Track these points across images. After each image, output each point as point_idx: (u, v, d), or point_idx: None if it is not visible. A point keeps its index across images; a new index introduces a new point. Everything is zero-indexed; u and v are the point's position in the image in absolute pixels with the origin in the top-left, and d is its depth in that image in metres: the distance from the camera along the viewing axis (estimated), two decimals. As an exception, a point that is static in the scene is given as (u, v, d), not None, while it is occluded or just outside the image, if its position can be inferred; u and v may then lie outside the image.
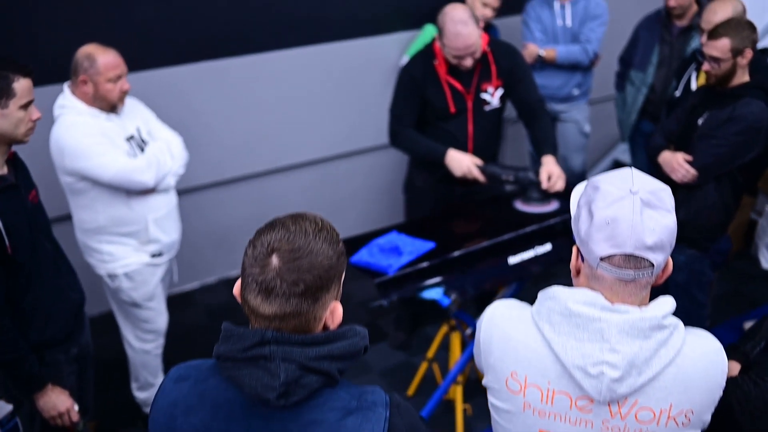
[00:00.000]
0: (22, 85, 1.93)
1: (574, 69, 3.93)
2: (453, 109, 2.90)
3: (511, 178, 2.80)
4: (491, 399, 1.32)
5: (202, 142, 3.60)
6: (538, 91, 2.99)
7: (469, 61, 2.76)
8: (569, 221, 2.71)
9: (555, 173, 2.78)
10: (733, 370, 1.69)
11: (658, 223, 1.17)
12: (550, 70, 3.94)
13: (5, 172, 1.97)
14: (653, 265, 1.18)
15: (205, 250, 3.95)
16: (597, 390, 1.18)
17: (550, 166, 2.80)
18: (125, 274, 2.73)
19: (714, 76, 2.55)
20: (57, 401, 2.09)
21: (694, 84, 3.09)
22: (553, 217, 2.72)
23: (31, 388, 2.06)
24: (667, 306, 1.21)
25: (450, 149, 2.86)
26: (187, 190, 3.65)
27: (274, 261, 1.07)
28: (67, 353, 2.18)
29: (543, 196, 2.81)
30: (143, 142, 2.72)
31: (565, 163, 4.32)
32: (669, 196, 1.21)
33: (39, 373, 2.04)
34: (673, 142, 2.78)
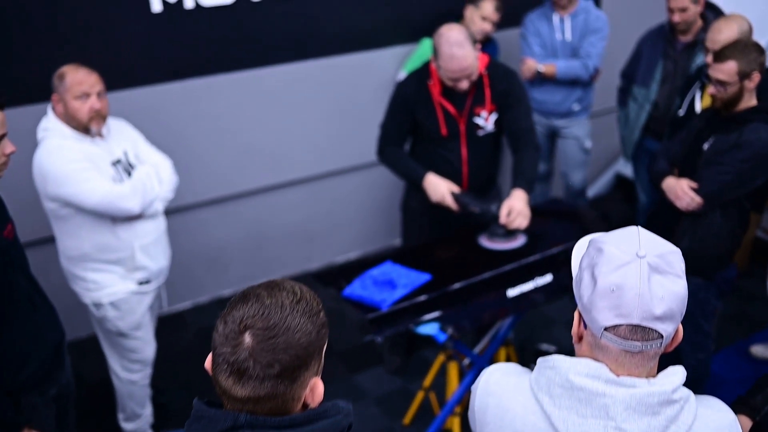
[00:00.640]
0: None
1: (575, 84, 3.84)
2: (445, 132, 2.81)
3: (477, 210, 2.69)
4: None
5: (193, 160, 3.51)
6: (529, 120, 2.88)
7: (465, 83, 2.67)
8: (571, 250, 2.64)
9: (516, 209, 2.62)
10: (743, 426, 1.60)
11: (667, 291, 1.08)
12: (549, 86, 3.86)
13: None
14: (662, 336, 1.09)
15: (197, 269, 3.86)
16: (602, 470, 1.09)
17: (513, 200, 2.65)
18: (111, 303, 2.64)
19: (720, 100, 2.46)
20: (34, 445, 2.00)
21: (698, 104, 3.00)
22: (545, 251, 2.60)
23: (7, 434, 1.97)
24: (677, 378, 1.12)
25: (429, 173, 2.77)
26: (179, 209, 3.57)
27: (247, 340, 0.98)
28: (44, 395, 2.09)
29: (506, 232, 2.67)
30: (131, 166, 2.63)
31: (565, 180, 4.24)
32: (679, 260, 1.12)
33: (14, 419, 1.95)
34: (677, 166, 2.69)
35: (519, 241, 2.70)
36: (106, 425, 3.05)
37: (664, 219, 2.75)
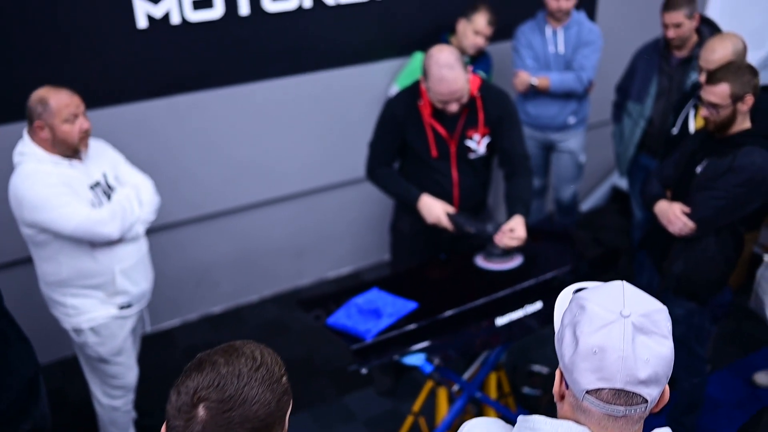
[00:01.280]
0: None
1: (569, 97, 3.78)
2: (435, 153, 2.75)
3: (473, 231, 2.67)
4: None
5: (182, 176, 3.46)
6: (523, 146, 2.83)
7: (455, 106, 2.60)
8: (564, 276, 2.58)
9: (516, 233, 2.60)
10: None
11: (652, 353, 1.02)
12: (543, 99, 3.79)
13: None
14: (647, 401, 1.03)
15: (186, 286, 3.80)
16: None
17: (513, 224, 2.62)
18: (91, 328, 2.58)
19: (713, 122, 2.40)
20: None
21: (692, 123, 2.94)
22: (537, 276, 2.55)
23: (-22, 471, 1.92)
24: (661, 444, 1.06)
25: (424, 194, 2.73)
26: (168, 225, 3.51)
27: (201, 413, 0.92)
28: (16, 430, 2.02)
29: (503, 252, 2.64)
30: (110, 188, 2.57)
31: (555, 194, 4.18)
32: (665, 319, 1.06)
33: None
34: (670, 188, 2.63)
35: (516, 261, 2.66)
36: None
37: (658, 241, 2.69)
